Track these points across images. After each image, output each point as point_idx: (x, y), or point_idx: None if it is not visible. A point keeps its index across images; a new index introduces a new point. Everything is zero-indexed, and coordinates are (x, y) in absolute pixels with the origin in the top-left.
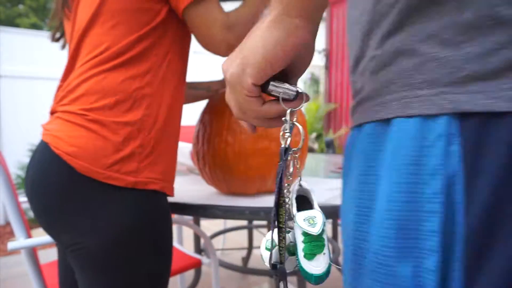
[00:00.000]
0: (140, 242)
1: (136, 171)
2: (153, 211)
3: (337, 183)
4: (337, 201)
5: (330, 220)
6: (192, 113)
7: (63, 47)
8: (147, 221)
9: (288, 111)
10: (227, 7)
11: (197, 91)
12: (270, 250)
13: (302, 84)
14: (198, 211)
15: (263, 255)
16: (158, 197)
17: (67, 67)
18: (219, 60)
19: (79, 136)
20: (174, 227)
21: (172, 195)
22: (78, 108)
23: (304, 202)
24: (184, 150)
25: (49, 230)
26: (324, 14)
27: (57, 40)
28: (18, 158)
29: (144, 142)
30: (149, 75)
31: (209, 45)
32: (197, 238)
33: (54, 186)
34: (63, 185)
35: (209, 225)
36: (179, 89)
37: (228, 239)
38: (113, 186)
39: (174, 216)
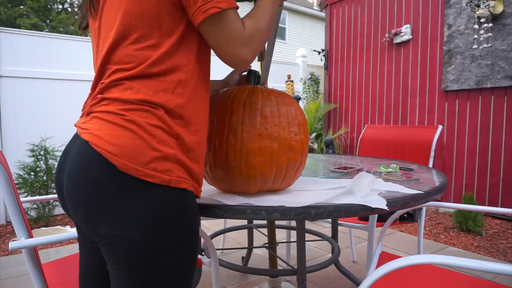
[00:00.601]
0: (172, 233)
1: (170, 170)
2: (184, 206)
3: (337, 183)
4: (337, 200)
5: (330, 220)
6: None
7: (83, 30)
8: (178, 214)
9: None
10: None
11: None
12: None
13: (302, 84)
14: (199, 211)
15: None
16: (188, 194)
17: (96, 76)
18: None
19: (119, 135)
20: None
21: (199, 196)
22: (116, 108)
23: None
24: None
25: (86, 223)
26: (324, 15)
27: (84, 29)
28: (19, 158)
29: (175, 146)
30: (180, 86)
31: (225, 59)
32: None
33: (95, 181)
34: (104, 181)
35: (209, 225)
36: (206, 100)
37: (228, 239)
38: (149, 182)
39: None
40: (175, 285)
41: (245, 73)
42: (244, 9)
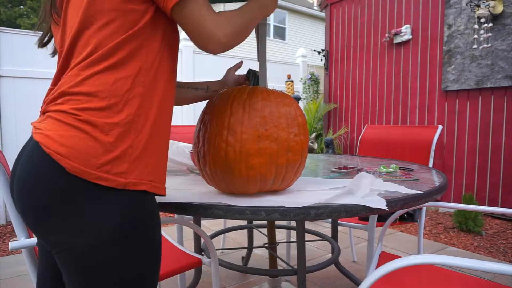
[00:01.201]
0: (130, 242)
1: (127, 172)
2: (143, 212)
3: (337, 183)
4: (337, 201)
5: (330, 220)
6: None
7: (53, 54)
8: (137, 222)
9: None
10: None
11: (196, 91)
12: None
13: (302, 84)
14: (198, 211)
15: None
16: (148, 197)
17: (58, 70)
18: (219, 60)
19: (70, 136)
20: (175, 227)
21: (164, 194)
22: (70, 107)
23: None
24: (184, 150)
25: (36, 230)
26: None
27: (45, 45)
28: None
29: (134, 143)
30: (141, 75)
31: (200, 42)
32: (197, 238)
33: (43, 186)
34: (53, 185)
35: (209, 225)
36: (169, 89)
37: (228, 239)
38: (104, 186)
39: (175, 216)
40: None
41: (243, 73)
42: None
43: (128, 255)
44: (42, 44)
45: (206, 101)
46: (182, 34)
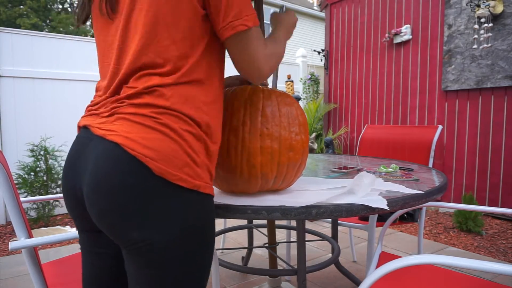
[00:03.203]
0: (199, 238)
1: (199, 175)
2: (209, 212)
3: (337, 183)
4: (338, 200)
5: (330, 220)
6: None
7: (78, 26)
8: (206, 221)
9: None
10: None
11: None
12: None
13: (302, 84)
14: None
15: None
16: (210, 199)
17: (126, 72)
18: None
19: (153, 138)
20: None
21: (213, 195)
22: (149, 111)
23: None
24: None
25: (115, 229)
26: (324, 15)
27: (83, 23)
28: (19, 158)
29: (201, 150)
30: (204, 95)
31: (246, 73)
32: None
33: (130, 186)
34: (139, 185)
35: None
36: (221, 106)
37: (228, 239)
38: (182, 187)
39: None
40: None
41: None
42: None
43: (196, 249)
44: (82, 21)
45: None
46: None
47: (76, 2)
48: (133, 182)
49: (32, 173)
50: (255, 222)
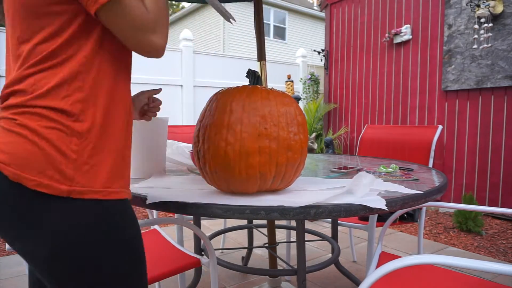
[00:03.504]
0: (82, 253)
1: (72, 179)
2: (89, 221)
3: (337, 183)
4: (336, 200)
5: (330, 220)
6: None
7: None
8: (81, 232)
9: None
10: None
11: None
12: None
13: (302, 84)
14: (198, 210)
15: None
16: (97, 205)
17: (7, 72)
18: (219, 60)
19: (10, 142)
20: (175, 227)
21: (127, 197)
22: (10, 112)
23: None
24: (184, 150)
25: (4, 237)
26: (324, 15)
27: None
28: None
29: (79, 148)
30: (78, 80)
31: (136, 48)
32: (197, 238)
33: None
34: (1, 194)
35: (209, 225)
36: (118, 91)
37: (228, 239)
38: (46, 194)
39: (175, 216)
40: None
41: (154, 95)
42: (246, 11)
43: (84, 264)
44: None
45: (206, 101)
46: (183, 34)
47: None
48: None
49: None
50: (255, 222)
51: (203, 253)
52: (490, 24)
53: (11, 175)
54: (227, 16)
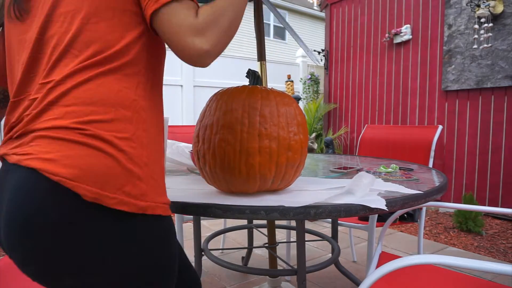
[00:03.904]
0: (156, 268)
1: (145, 194)
2: (163, 235)
3: (337, 183)
4: (336, 200)
5: (330, 220)
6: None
7: None
8: (159, 247)
9: None
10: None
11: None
12: None
13: (302, 84)
14: (198, 210)
15: None
16: (164, 220)
17: (24, 76)
18: (218, 60)
19: (80, 156)
20: (175, 227)
21: (171, 214)
22: (71, 121)
23: None
24: (184, 150)
25: (42, 276)
26: (324, 15)
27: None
28: None
29: (147, 161)
30: (140, 87)
31: (179, 53)
32: (197, 238)
33: (55, 223)
34: (67, 220)
35: (209, 225)
36: (161, 102)
37: (228, 239)
38: (124, 212)
39: (174, 216)
40: None
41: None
42: (246, 11)
43: (156, 280)
44: None
45: (206, 101)
46: None
47: None
48: (56, 217)
49: None
50: (255, 222)
51: (203, 253)
52: (490, 24)
53: (86, 193)
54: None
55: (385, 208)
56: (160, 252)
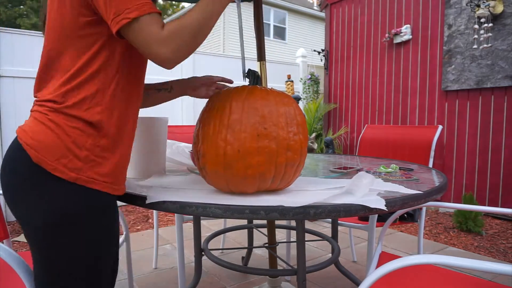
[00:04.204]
0: (72, 229)
1: (80, 170)
2: (89, 205)
3: (337, 183)
4: (336, 200)
5: (330, 220)
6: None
7: None
8: (81, 213)
9: None
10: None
11: (159, 92)
12: None
13: (302, 84)
14: (198, 210)
15: None
16: (98, 195)
17: (38, 79)
18: (218, 60)
19: (39, 131)
20: (175, 227)
21: (119, 193)
22: (44, 109)
23: None
24: (184, 150)
25: (9, 206)
26: (324, 15)
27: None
28: None
29: (91, 147)
30: (98, 96)
31: (152, 60)
32: (197, 238)
33: (15, 169)
34: (19, 170)
35: (209, 225)
36: (130, 101)
37: (228, 239)
38: (59, 178)
39: (174, 216)
40: (72, 278)
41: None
42: (246, 11)
43: (69, 241)
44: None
45: (205, 101)
46: None
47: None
48: (16, 166)
49: None
50: (255, 222)
51: (203, 252)
52: (490, 24)
53: (34, 157)
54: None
55: (384, 208)
56: (80, 219)
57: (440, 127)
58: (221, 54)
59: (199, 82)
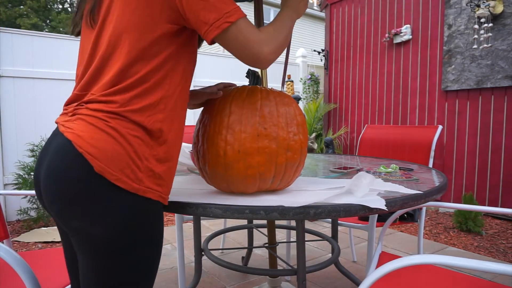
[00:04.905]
0: (132, 235)
1: (141, 180)
2: (146, 214)
3: (337, 183)
4: (336, 200)
5: (330, 220)
6: (192, 113)
7: (77, 35)
8: (139, 221)
9: None
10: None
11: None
12: None
13: (302, 84)
14: (198, 210)
15: None
16: (153, 203)
17: (91, 76)
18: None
19: (100, 139)
20: (175, 227)
21: (166, 203)
22: (102, 114)
23: None
24: (184, 150)
25: (61, 215)
26: (324, 15)
27: (77, 34)
28: (19, 158)
29: (149, 157)
30: (162, 104)
31: (248, 61)
32: (197, 238)
33: (73, 179)
34: (81, 180)
35: (209, 225)
36: (184, 110)
37: (228, 239)
38: (120, 188)
39: (174, 216)
40: (132, 283)
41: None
42: (246, 11)
43: (129, 246)
44: (75, 33)
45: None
46: None
47: (71, 19)
48: (75, 176)
49: (32, 173)
50: (255, 222)
51: (203, 252)
52: (490, 24)
53: (97, 166)
54: None
55: (384, 208)
56: (138, 226)
57: (440, 127)
58: (221, 54)
59: (205, 95)
